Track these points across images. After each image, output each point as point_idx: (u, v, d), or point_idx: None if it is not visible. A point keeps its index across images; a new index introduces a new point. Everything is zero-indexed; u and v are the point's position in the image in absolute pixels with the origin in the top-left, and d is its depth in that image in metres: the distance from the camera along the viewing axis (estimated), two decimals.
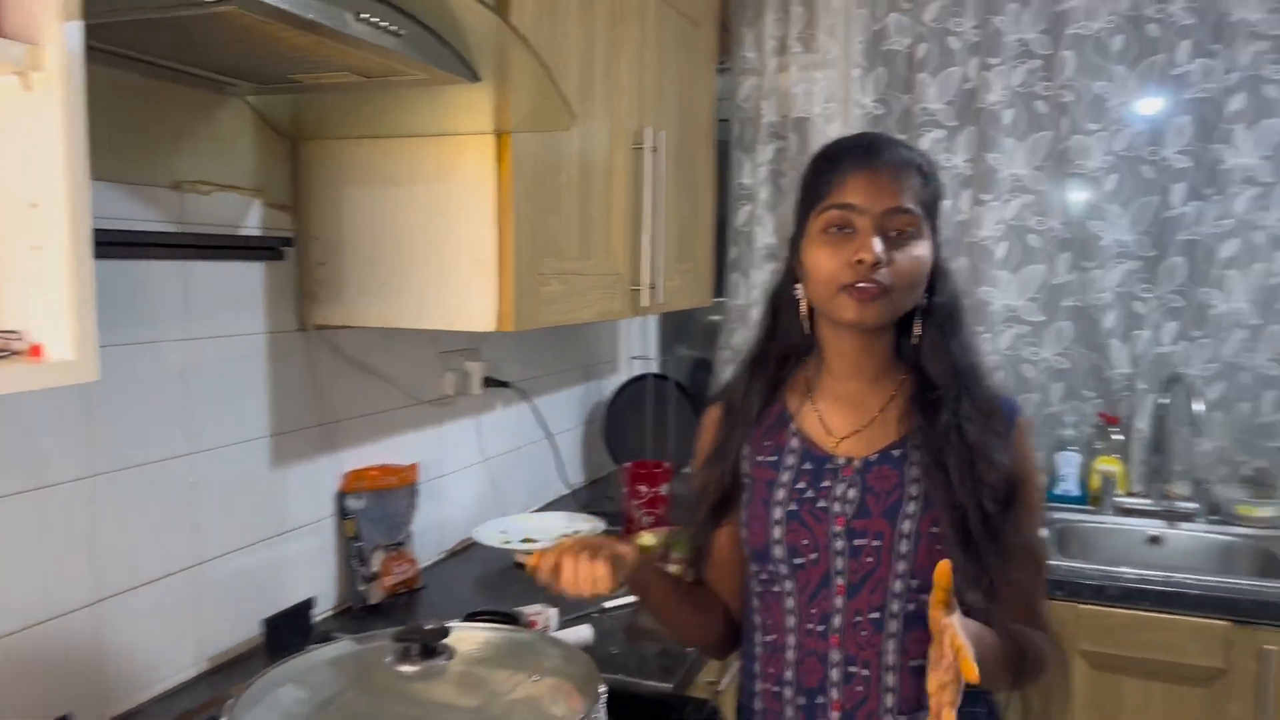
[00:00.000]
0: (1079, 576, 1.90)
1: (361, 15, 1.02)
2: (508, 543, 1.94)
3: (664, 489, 1.97)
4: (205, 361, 1.38)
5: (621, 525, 2.04)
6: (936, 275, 1.12)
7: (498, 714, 0.91)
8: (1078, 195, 2.40)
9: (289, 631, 1.42)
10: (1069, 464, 2.40)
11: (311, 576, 1.61)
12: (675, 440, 2.55)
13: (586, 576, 1.04)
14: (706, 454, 1.21)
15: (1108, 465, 2.38)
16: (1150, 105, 2.34)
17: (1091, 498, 2.39)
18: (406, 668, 0.94)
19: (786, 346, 1.19)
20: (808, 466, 1.14)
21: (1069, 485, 2.40)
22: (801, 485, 1.13)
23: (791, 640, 1.13)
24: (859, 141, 1.14)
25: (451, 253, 1.47)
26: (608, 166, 1.79)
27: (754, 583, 1.17)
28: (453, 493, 2.01)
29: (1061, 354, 2.45)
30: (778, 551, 1.12)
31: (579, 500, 2.39)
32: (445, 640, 0.96)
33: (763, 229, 2.63)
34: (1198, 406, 2.13)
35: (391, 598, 1.69)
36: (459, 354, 1.99)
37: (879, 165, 1.09)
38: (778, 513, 1.13)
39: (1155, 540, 2.24)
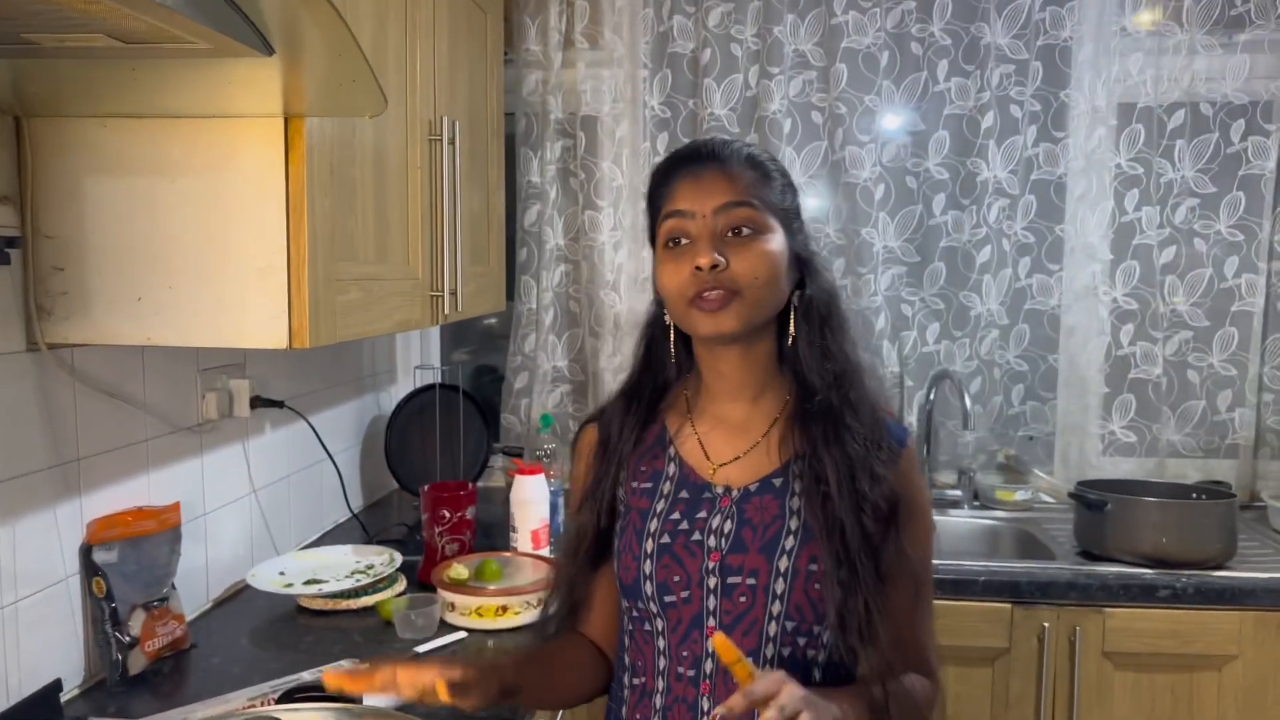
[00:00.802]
0: None
1: None
2: (289, 586, 1.70)
3: (469, 512, 1.82)
4: None
5: (421, 554, 1.86)
6: (805, 268, 1.07)
7: None
8: (851, 203, 2.50)
9: None
10: None
11: (53, 651, 1.32)
12: (468, 455, 2.39)
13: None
14: (582, 488, 1.11)
15: None
16: (914, 120, 2.48)
17: None
18: None
19: (662, 377, 1.11)
20: (684, 495, 1.05)
21: None
22: (676, 516, 1.04)
23: (661, 684, 1.04)
24: (685, 149, 1.09)
25: (229, 257, 1.24)
26: (402, 160, 1.62)
27: (626, 620, 1.08)
28: (219, 532, 1.74)
29: None
30: (648, 589, 1.03)
31: (359, 530, 2.16)
32: None
33: (553, 230, 2.52)
34: (970, 405, 2.27)
35: (156, 663, 1.42)
36: (221, 371, 1.73)
37: (703, 165, 1.04)
38: (649, 545, 1.04)
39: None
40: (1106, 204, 2.43)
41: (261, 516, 1.88)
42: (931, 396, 2.46)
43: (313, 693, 1.06)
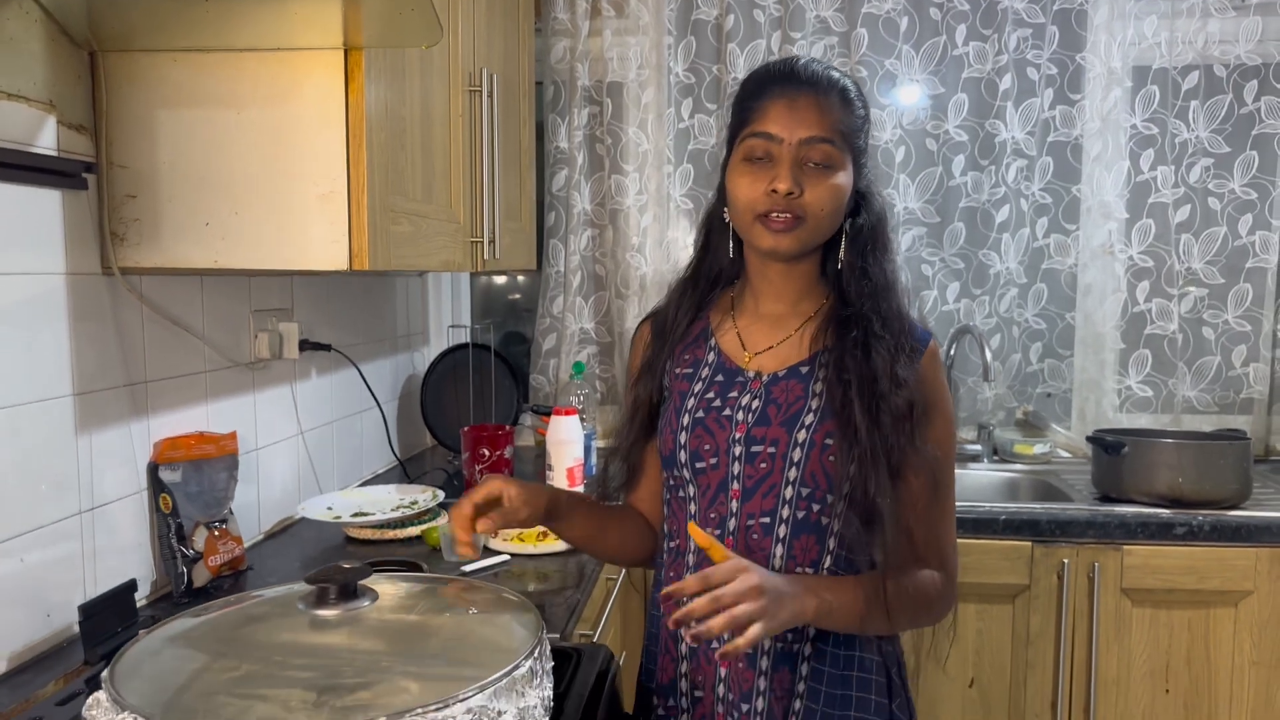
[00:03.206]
0: None
1: None
2: (338, 518, 1.78)
3: (507, 451, 1.89)
4: (1, 303, 1.16)
5: (461, 494, 1.93)
6: (861, 198, 1.15)
7: (461, 640, 0.82)
8: (873, 166, 2.55)
9: (110, 618, 1.21)
10: None
11: (127, 559, 1.40)
12: (499, 413, 2.46)
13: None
14: (637, 371, 1.24)
15: None
16: (933, 83, 2.54)
17: None
18: (326, 612, 0.82)
19: (717, 268, 1.21)
20: (719, 378, 1.17)
21: None
22: (710, 395, 1.16)
23: (692, 544, 1.15)
24: (782, 68, 1.15)
25: (292, 184, 1.31)
26: (445, 107, 1.69)
27: (665, 490, 1.20)
28: (269, 468, 1.82)
29: None
30: (682, 456, 1.15)
31: (400, 476, 2.24)
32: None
33: (580, 195, 2.59)
34: (990, 359, 2.33)
35: (217, 579, 1.50)
36: (271, 313, 1.80)
37: (798, 93, 1.10)
38: (685, 419, 1.16)
39: None
40: (1122, 164, 2.48)
41: (308, 458, 1.96)
42: (952, 352, 2.52)
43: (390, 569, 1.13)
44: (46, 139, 1.23)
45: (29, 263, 1.21)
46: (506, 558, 1.64)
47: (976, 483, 2.41)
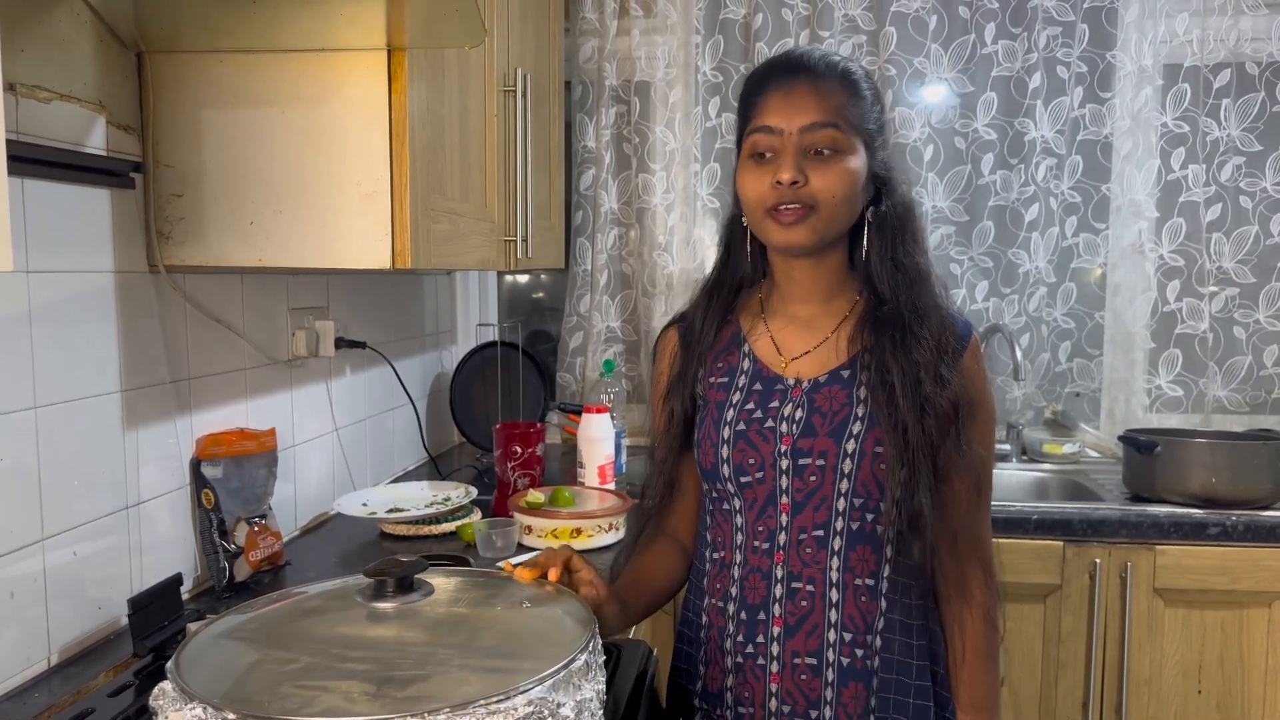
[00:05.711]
0: None
1: None
2: (373, 514, 1.80)
3: (539, 449, 1.90)
4: (52, 300, 1.17)
5: (493, 492, 1.95)
6: (881, 185, 1.12)
7: (516, 634, 0.83)
8: (900, 164, 2.55)
9: (158, 612, 1.23)
10: None
11: (172, 553, 1.41)
12: (527, 411, 2.47)
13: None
14: (666, 382, 1.20)
15: None
16: (962, 81, 2.53)
17: None
18: (384, 605, 0.83)
19: (739, 275, 1.19)
20: (757, 387, 1.14)
21: None
22: (750, 406, 1.13)
23: (738, 557, 1.13)
24: (780, 61, 1.13)
25: (335, 183, 1.33)
26: (481, 106, 1.70)
27: (707, 501, 1.18)
28: (305, 465, 1.84)
29: None
30: (725, 470, 1.12)
31: (430, 474, 2.26)
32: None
33: (607, 194, 2.60)
34: (1020, 358, 2.32)
35: (257, 574, 1.52)
36: (309, 312, 1.82)
37: (795, 83, 1.08)
38: (726, 432, 1.12)
39: None
40: (1152, 163, 2.47)
41: (342, 455, 1.98)
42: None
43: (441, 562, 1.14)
44: (96, 139, 1.25)
45: (79, 261, 1.23)
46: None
47: (1006, 482, 2.41)
